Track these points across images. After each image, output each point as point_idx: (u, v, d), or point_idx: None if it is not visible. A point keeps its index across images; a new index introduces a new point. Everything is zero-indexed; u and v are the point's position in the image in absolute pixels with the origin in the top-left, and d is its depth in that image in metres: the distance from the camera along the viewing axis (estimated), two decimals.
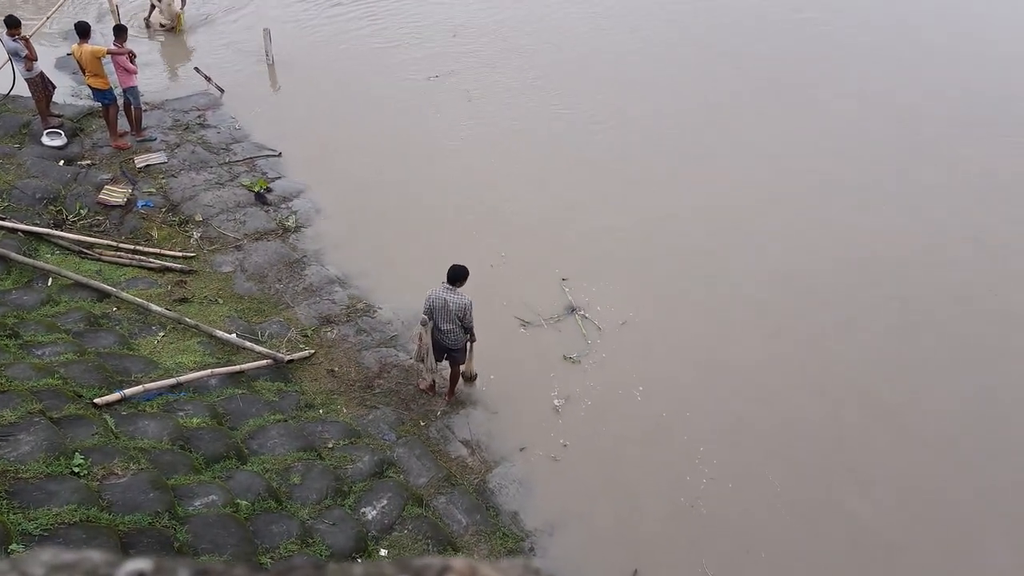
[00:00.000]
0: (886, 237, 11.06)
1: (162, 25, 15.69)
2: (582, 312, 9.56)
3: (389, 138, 12.84)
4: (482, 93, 14.35)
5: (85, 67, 11.18)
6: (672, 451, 7.94)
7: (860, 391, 8.71)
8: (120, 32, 11.47)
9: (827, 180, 12.27)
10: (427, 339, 7.65)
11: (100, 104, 11.71)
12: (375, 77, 14.71)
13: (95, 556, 0.67)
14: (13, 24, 10.99)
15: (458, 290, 7.37)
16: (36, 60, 11.36)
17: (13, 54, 11.21)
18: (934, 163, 12.85)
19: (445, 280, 7.36)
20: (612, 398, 8.48)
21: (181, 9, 15.69)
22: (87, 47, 11.03)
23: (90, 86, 11.45)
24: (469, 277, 7.44)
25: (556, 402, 8.37)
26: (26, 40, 11.24)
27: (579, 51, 16.04)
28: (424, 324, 7.58)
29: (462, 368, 8.11)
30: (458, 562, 0.68)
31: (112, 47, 11.30)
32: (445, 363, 8.08)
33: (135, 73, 11.61)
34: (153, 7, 15.62)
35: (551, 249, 10.54)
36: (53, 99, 12.09)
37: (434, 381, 8.22)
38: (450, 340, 7.63)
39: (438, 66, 15.16)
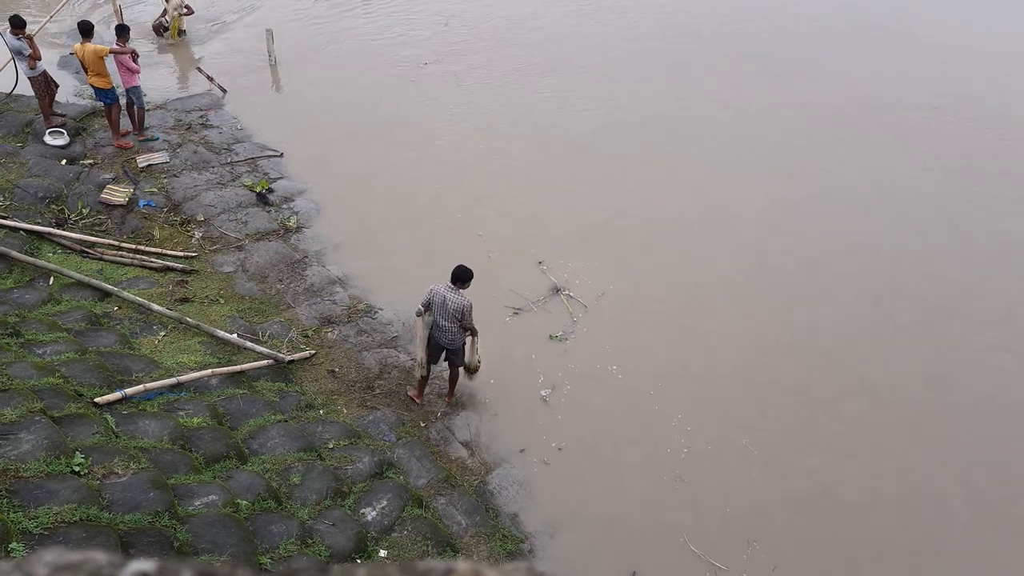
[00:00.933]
0: (854, 214, 11.54)
1: (165, 28, 15.59)
2: (567, 291, 9.78)
3: (390, 136, 12.87)
4: (475, 82, 14.78)
5: (88, 66, 11.19)
6: (659, 428, 8.15)
7: (830, 360, 9.05)
8: (122, 31, 11.47)
9: (800, 163, 12.74)
10: (422, 331, 7.64)
11: (102, 103, 11.73)
12: (375, 75, 14.78)
13: (99, 557, 0.67)
14: (18, 24, 11.00)
15: (460, 291, 7.37)
16: (40, 59, 11.38)
17: (17, 52, 11.22)
18: (903, 145, 13.29)
19: (449, 280, 7.36)
20: (598, 378, 8.66)
21: (177, 14, 15.48)
22: (90, 46, 11.04)
23: (92, 85, 11.45)
24: (474, 279, 7.45)
25: (543, 392, 8.46)
26: (30, 39, 11.26)
27: (571, 43, 16.39)
28: (419, 315, 7.58)
29: (465, 360, 8.10)
30: (462, 565, 0.68)
31: (115, 46, 11.32)
32: (444, 364, 8.08)
33: (138, 72, 11.62)
34: (165, 12, 15.51)
35: (547, 236, 10.78)
36: (56, 98, 12.10)
37: (423, 389, 8.17)
38: (447, 339, 7.60)
39: (437, 57, 15.60)
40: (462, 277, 7.31)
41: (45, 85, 11.59)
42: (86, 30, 11.09)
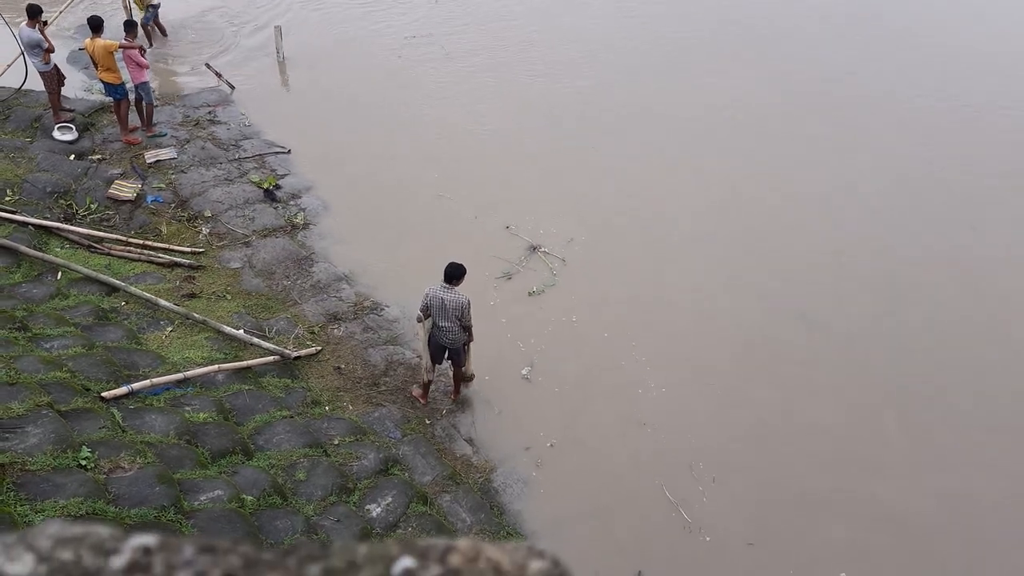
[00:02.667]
0: (811, 169, 12.44)
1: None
2: (543, 248, 10.45)
3: (395, 132, 12.91)
4: (470, 63, 15.38)
5: (97, 62, 11.24)
6: (628, 371, 8.72)
7: (790, 304, 9.76)
8: (130, 27, 11.52)
9: (758, 120, 13.70)
10: (424, 336, 7.61)
11: (111, 99, 11.77)
12: (381, 69, 14.83)
13: (101, 530, 0.67)
14: (34, 14, 11.03)
15: (455, 289, 7.29)
16: (54, 52, 11.43)
17: (34, 46, 11.21)
18: (894, 132, 13.69)
19: (443, 279, 7.34)
20: (570, 333, 9.17)
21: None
22: (100, 41, 11.09)
23: (102, 80, 11.50)
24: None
25: (523, 371, 8.63)
26: (44, 25, 11.29)
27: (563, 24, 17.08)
28: (420, 321, 7.55)
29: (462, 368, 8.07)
30: (463, 542, 0.68)
31: (124, 41, 11.36)
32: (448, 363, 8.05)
33: (146, 68, 11.65)
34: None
35: (541, 213, 11.19)
36: (65, 94, 12.15)
37: (427, 390, 8.15)
38: (448, 339, 7.56)
39: (447, 46, 16.07)
40: (456, 275, 7.24)
41: (56, 79, 11.64)
42: (96, 25, 11.13)
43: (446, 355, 7.82)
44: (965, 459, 7.95)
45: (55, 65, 11.60)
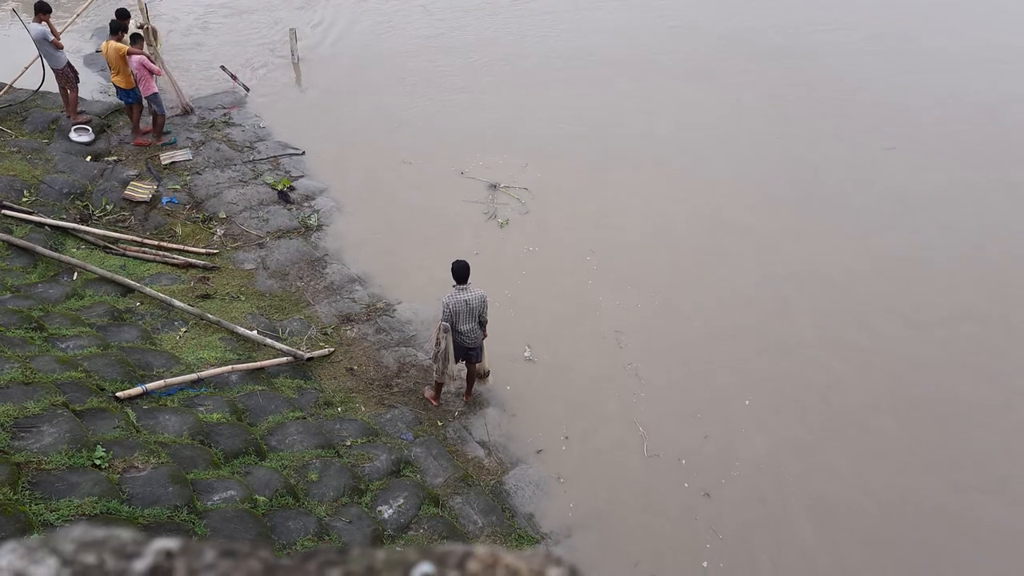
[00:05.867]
0: (750, 95, 14.08)
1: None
2: (503, 185, 11.58)
3: (407, 133, 12.93)
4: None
5: (111, 64, 11.32)
6: (596, 302, 9.60)
7: (744, 225, 10.82)
8: (135, 40, 11.56)
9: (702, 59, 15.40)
10: (449, 345, 7.61)
11: (124, 103, 11.86)
12: (391, 70, 14.85)
13: (124, 534, 0.68)
14: (42, 10, 11.11)
15: (470, 287, 7.37)
16: (62, 48, 11.48)
17: (42, 39, 11.26)
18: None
19: (454, 282, 7.35)
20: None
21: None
22: (113, 44, 11.17)
23: (115, 84, 11.58)
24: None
25: (526, 353, 8.77)
26: (48, 22, 11.36)
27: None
28: (447, 331, 7.53)
29: (476, 366, 8.10)
30: (481, 549, 0.68)
31: (133, 48, 11.41)
32: (461, 364, 8.07)
33: (158, 74, 11.59)
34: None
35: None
36: (81, 96, 12.22)
37: (439, 391, 8.16)
38: (470, 339, 7.61)
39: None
40: (466, 274, 7.35)
41: (67, 78, 11.70)
42: (115, 29, 11.22)
43: (462, 357, 7.86)
44: (857, 334, 9.19)
45: (68, 62, 11.67)
